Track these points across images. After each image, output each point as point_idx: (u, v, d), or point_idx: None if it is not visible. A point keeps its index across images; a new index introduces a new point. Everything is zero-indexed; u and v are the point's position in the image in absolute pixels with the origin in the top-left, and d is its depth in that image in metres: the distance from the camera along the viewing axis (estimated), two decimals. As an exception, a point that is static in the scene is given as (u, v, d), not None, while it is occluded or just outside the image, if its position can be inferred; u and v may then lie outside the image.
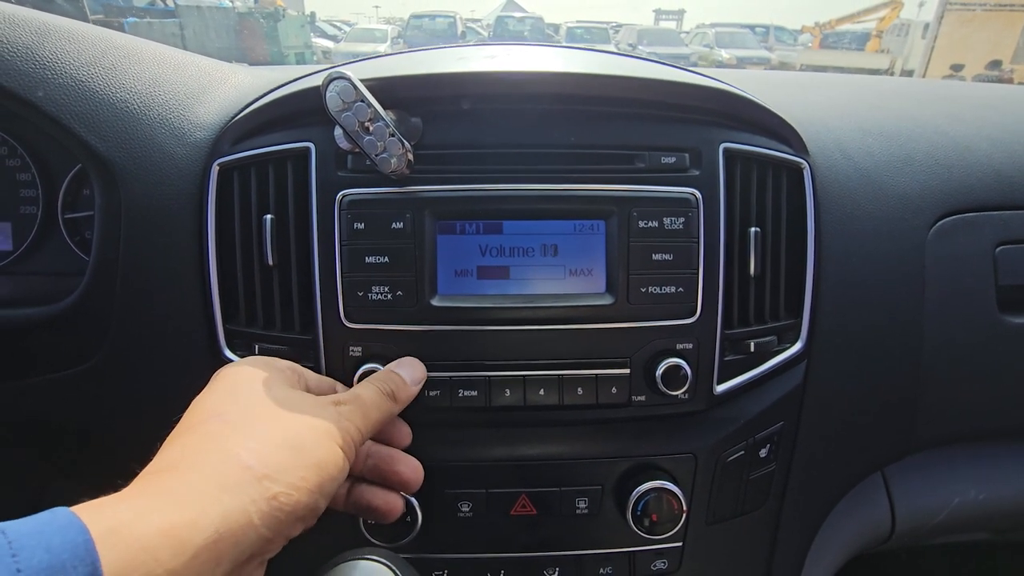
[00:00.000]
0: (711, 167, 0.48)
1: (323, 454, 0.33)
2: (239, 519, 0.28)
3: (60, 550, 0.22)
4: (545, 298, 0.46)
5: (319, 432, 0.33)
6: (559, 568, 0.51)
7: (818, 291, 0.52)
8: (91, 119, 0.47)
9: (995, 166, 0.60)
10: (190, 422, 0.34)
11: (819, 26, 18.45)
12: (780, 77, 0.85)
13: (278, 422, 0.33)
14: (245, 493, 0.28)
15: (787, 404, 0.52)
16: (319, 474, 0.32)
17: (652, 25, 23.95)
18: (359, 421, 0.37)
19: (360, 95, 0.42)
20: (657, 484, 0.47)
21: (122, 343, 0.50)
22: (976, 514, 0.65)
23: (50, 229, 0.66)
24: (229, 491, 0.28)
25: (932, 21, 11.42)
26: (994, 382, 0.59)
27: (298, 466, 0.31)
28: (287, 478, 0.30)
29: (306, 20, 15.42)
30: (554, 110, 0.47)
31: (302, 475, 0.31)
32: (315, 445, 0.33)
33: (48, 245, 0.67)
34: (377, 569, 0.32)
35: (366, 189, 0.46)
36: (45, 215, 0.66)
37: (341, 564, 0.33)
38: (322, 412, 0.35)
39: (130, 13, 8.56)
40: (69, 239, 0.66)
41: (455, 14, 15.84)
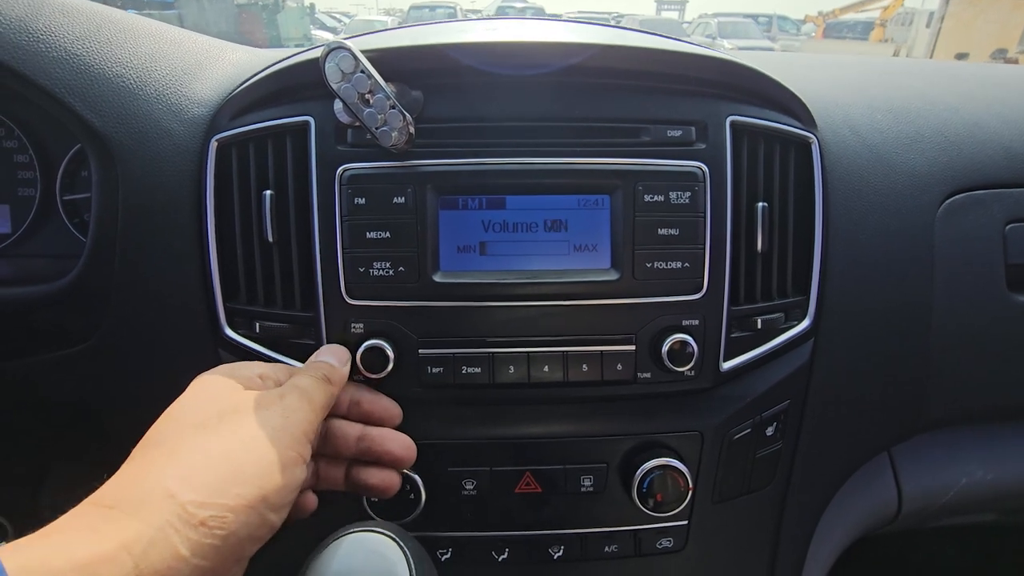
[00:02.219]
0: (718, 141, 0.47)
1: (266, 464, 0.31)
2: (163, 552, 0.26)
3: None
4: (549, 274, 0.46)
5: (259, 441, 0.32)
6: (564, 546, 0.50)
7: (826, 268, 0.51)
8: (87, 94, 0.46)
9: (1005, 143, 0.60)
10: (135, 451, 0.33)
11: (822, 15, 18.32)
12: (787, 57, 0.84)
13: (216, 440, 0.32)
14: (168, 524, 0.27)
15: (794, 382, 0.52)
16: (260, 486, 0.30)
17: (654, 15, 23.79)
18: (306, 410, 0.36)
19: (360, 66, 0.41)
20: (663, 462, 0.46)
21: (122, 322, 0.49)
22: (984, 495, 0.64)
23: (48, 211, 0.66)
24: (151, 524, 0.27)
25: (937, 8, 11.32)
26: (1003, 361, 0.59)
27: (233, 483, 0.30)
28: (218, 499, 0.29)
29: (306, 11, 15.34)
30: (558, 83, 0.46)
31: (237, 492, 0.29)
32: (257, 456, 0.31)
33: (47, 227, 0.66)
34: (382, 541, 0.32)
35: (367, 163, 0.45)
36: (43, 197, 0.66)
37: (346, 536, 0.32)
38: (266, 417, 0.34)
39: (129, 4, 8.53)
40: (68, 221, 0.66)
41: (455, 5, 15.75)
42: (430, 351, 0.46)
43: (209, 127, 0.49)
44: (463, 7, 16.21)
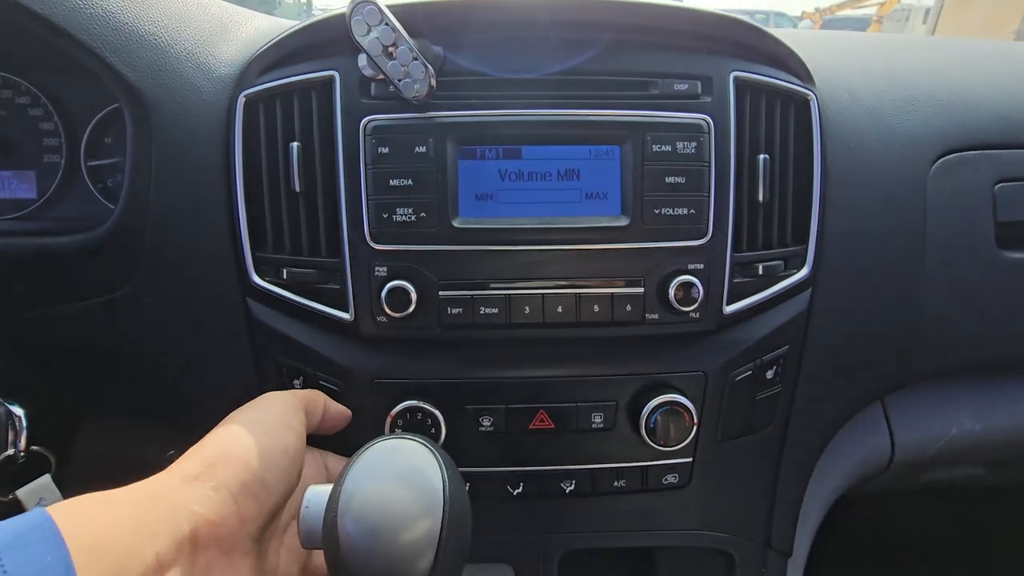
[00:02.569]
0: (722, 95, 0.50)
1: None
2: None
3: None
4: (562, 220, 0.49)
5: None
6: (575, 481, 0.53)
7: (823, 220, 0.54)
8: (123, 50, 0.49)
9: (995, 107, 0.62)
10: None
11: (819, 12, 18.35)
12: (788, 32, 0.87)
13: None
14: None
15: (793, 328, 0.55)
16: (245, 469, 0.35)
17: (651, 12, 23.77)
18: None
19: (384, 19, 0.44)
20: (669, 398, 0.49)
21: (155, 270, 0.52)
22: (973, 445, 0.67)
23: (72, 177, 0.68)
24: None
25: (933, 5, 11.36)
26: (992, 315, 0.61)
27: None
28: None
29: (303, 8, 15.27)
30: (571, 39, 0.49)
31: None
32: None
33: (71, 193, 0.69)
34: (416, 448, 0.35)
35: (390, 115, 0.48)
36: (68, 163, 0.68)
37: (384, 440, 0.35)
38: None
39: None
40: (92, 186, 0.68)
41: (453, 1, 15.67)
42: (450, 293, 0.49)
43: (236, 84, 0.52)
44: (461, 3, 16.21)
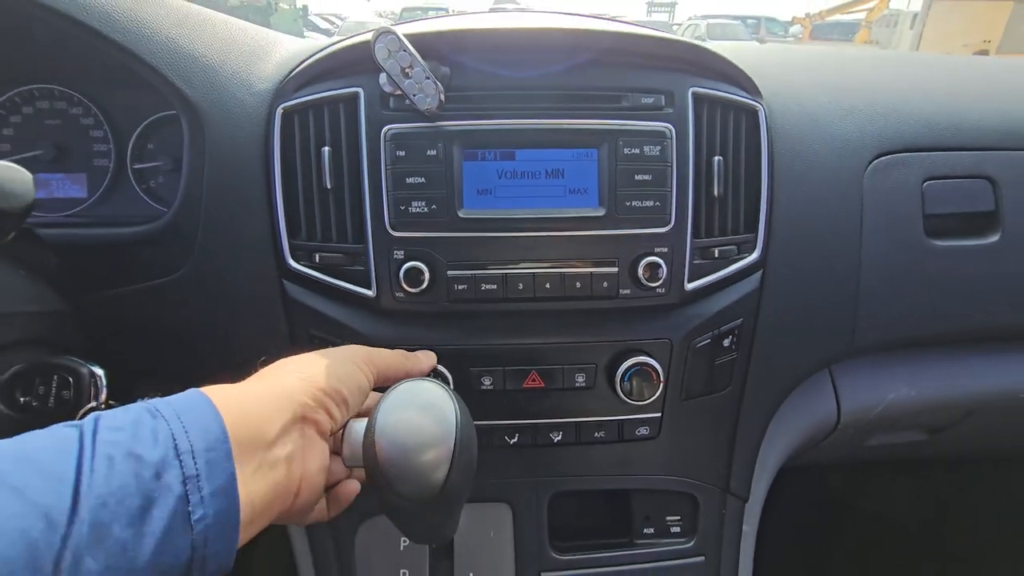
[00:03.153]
0: (682, 106, 0.59)
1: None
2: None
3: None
4: (550, 211, 0.58)
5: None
6: (562, 432, 0.62)
7: (771, 211, 0.63)
8: (182, 70, 0.58)
9: (925, 116, 0.71)
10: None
11: (809, 17, 18.57)
12: (759, 48, 0.96)
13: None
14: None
15: (746, 303, 0.64)
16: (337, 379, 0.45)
17: (644, 17, 23.99)
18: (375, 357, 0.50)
19: (403, 46, 0.53)
20: (640, 359, 0.59)
21: (205, 256, 0.61)
22: (909, 410, 0.76)
23: (120, 178, 0.77)
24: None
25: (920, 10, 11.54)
26: (921, 296, 0.69)
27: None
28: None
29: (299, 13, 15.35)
30: (558, 60, 0.58)
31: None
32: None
33: (118, 192, 0.78)
34: (434, 388, 0.44)
35: (406, 124, 0.57)
36: (116, 166, 0.77)
37: (409, 382, 0.44)
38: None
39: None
40: (137, 187, 0.77)
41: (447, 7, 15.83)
42: (456, 272, 0.58)
43: (274, 98, 0.61)
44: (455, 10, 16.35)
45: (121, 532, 0.29)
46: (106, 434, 0.31)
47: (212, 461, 0.33)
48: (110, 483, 0.29)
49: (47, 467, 0.29)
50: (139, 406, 0.35)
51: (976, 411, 0.80)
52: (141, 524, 0.29)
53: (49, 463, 0.29)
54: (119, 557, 0.28)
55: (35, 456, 0.29)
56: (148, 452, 0.31)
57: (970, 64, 0.92)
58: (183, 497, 0.31)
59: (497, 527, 0.65)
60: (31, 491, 0.27)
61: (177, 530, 0.31)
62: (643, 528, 0.68)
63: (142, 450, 0.31)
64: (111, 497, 0.29)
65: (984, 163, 0.70)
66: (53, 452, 0.30)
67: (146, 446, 0.32)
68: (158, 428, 0.33)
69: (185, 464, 0.32)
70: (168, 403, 0.36)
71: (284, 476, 0.38)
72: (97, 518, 0.28)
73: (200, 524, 0.31)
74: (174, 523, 0.30)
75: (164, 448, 0.32)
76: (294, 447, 0.40)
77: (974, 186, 0.70)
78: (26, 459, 0.29)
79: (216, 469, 0.33)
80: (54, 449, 0.30)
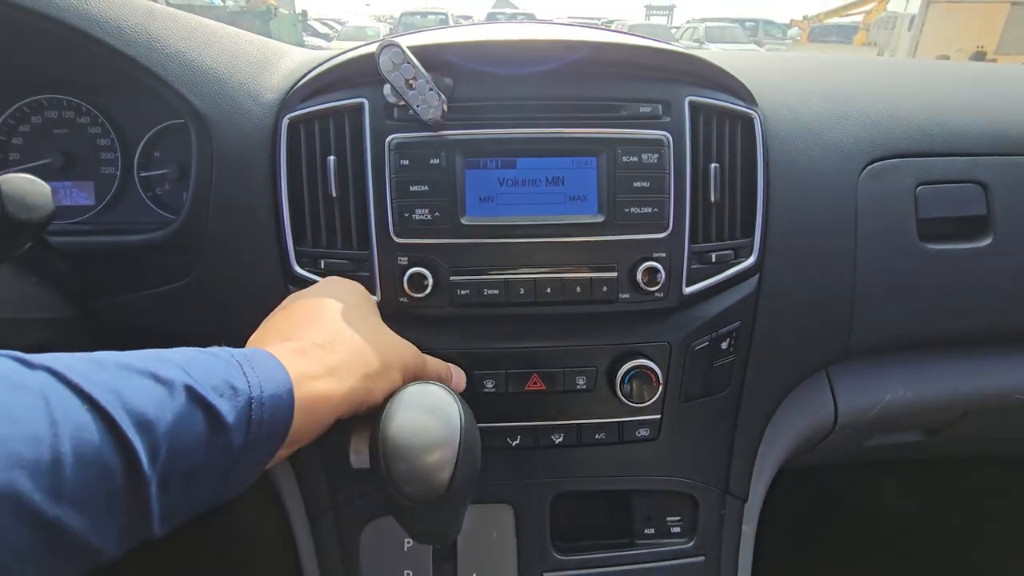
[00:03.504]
0: (679, 115, 0.61)
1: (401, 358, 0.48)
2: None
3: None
4: (550, 218, 0.59)
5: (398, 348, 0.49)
6: (563, 434, 0.64)
7: (767, 217, 0.64)
8: (191, 82, 0.59)
9: (918, 122, 0.73)
10: (323, 310, 0.47)
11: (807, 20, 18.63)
12: (755, 54, 0.98)
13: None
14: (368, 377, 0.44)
15: (743, 307, 0.65)
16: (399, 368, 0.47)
17: (643, 20, 24.08)
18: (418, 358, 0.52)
19: (406, 58, 0.55)
20: (639, 362, 0.60)
21: (212, 263, 0.62)
22: (906, 411, 0.77)
23: (127, 186, 0.79)
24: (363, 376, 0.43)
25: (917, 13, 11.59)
26: (915, 299, 0.70)
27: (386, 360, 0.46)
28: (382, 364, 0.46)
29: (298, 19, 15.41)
30: (557, 70, 0.60)
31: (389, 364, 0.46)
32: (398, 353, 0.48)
33: (125, 200, 0.79)
34: (439, 391, 0.45)
35: (409, 134, 0.58)
36: (123, 174, 0.78)
37: (414, 385, 0.45)
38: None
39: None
40: (144, 194, 0.79)
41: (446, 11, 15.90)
42: (459, 278, 0.59)
43: (280, 108, 0.62)
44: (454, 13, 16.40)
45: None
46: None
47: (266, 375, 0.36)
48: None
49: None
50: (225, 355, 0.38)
51: (972, 412, 0.81)
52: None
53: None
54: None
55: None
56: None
57: (962, 70, 0.93)
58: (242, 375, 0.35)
59: (500, 528, 0.66)
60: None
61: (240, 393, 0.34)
62: (644, 528, 0.69)
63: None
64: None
65: (976, 168, 0.71)
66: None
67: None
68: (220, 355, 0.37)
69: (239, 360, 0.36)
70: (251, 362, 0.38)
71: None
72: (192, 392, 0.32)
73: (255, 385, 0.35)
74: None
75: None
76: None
77: (966, 191, 0.72)
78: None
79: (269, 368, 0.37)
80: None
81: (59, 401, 0.28)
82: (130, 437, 0.29)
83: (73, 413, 0.28)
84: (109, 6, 0.57)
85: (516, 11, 17.12)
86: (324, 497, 0.66)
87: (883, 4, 16.24)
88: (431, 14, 15.38)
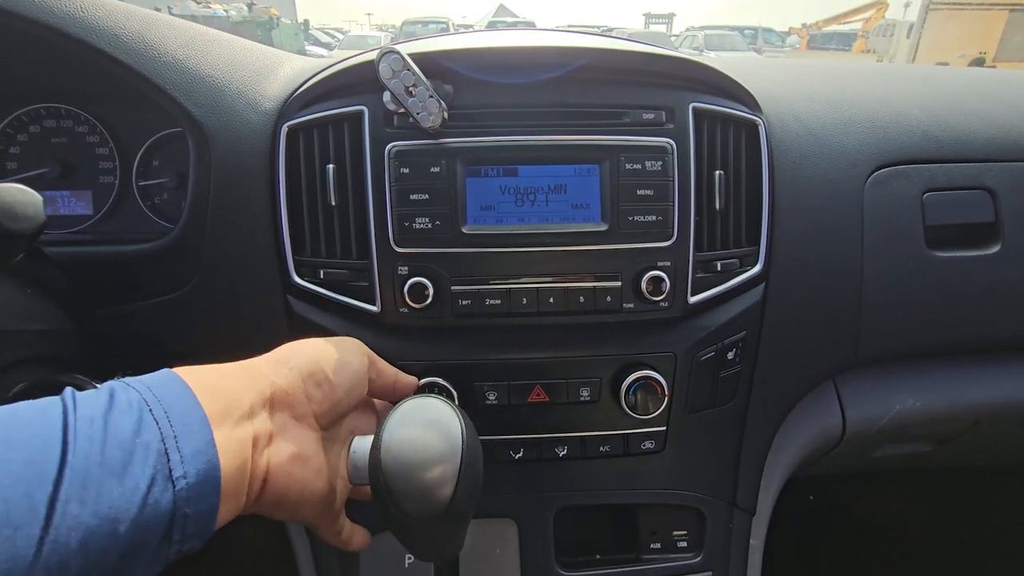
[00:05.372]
0: (683, 122, 0.60)
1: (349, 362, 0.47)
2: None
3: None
4: (553, 226, 0.58)
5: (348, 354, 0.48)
6: (567, 446, 0.62)
7: (773, 225, 0.64)
8: (188, 90, 0.59)
9: (924, 128, 0.72)
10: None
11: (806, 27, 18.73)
12: (756, 61, 0.98)
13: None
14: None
15: (749, 316, 0.64)
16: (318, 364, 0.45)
17: (642, 29, 24.21)
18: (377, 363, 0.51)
19: (406, 65, 0.54)
20: (644, 374, 0.59)
21: (210, 273, 0.61)
22: (914, 421, 0.76)
23: (125, 195, 0.78)
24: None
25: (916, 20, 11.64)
26: (923, 307, 0.69)
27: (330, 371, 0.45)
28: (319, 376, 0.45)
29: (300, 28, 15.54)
30: (559, 77, 0.59)
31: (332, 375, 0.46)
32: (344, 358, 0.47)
33: (123, 209, 0.78)
34: (439, 404, 0.44)
35: (410, 141, 0.57)
36: (121, 183, 0.78)
37: (414, 398, 0.44)
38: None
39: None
40: (142, 203, 0.78)
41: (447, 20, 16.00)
42: (460, 287, 0.58)
43: (279, 116, 0.61)
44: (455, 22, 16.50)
45: (105, 482, 0.30)
46: (85, 400, 0.33)
47: (188, 425, 0.34)
48: (92, 439, 0.31)
49: (36, 423, 0.30)
50: (108, 383, 0.36)
51: (983, 422, 0.79)
52: (123, 476, 0.31)
53: (37, 420, 0.31)
54: (104, 507, 0.29)
55: (22, 414, 0.31)
56: (125, 416, 0.33)
57: (966, 76, 0.92)
58: (163, 453, 0.32)
59: (503, 543, 0.65)
60: (22, 444, 0.29)
61: (159, 486, 0.32)
62: (649, 543, 0.67)
63: (119, 414, 0.33)
64: (94, 449, 0.30)
65: (983, 175, 0.70)
66: (38, 412, 0.31)
67: (122, 411, 0.33)
68: (131, 397, 0.34)
69: (162, 425, 0.33)
70: (138, 379, 0.37)
71: (275, 455, 0.39)
72: (84, 467, 0.29)
73: (181, 482, 0.32)
74: (157, 478, 0.32)
75: (139, 411, 0.33)
76: (259, 429, 0.39)
77: (974, 197, 0.71)
78: (13, 416, 0.31)
79: (193, 432, 0.34)
80: (39, 410, 0.32)
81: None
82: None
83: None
84: (106, 14, 0.56)
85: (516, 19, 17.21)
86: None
87: (881, 12, 16.32)
88: (432, 23, 15.48)
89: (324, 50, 13.99)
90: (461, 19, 33.74)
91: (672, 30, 26.77)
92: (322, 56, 0.83)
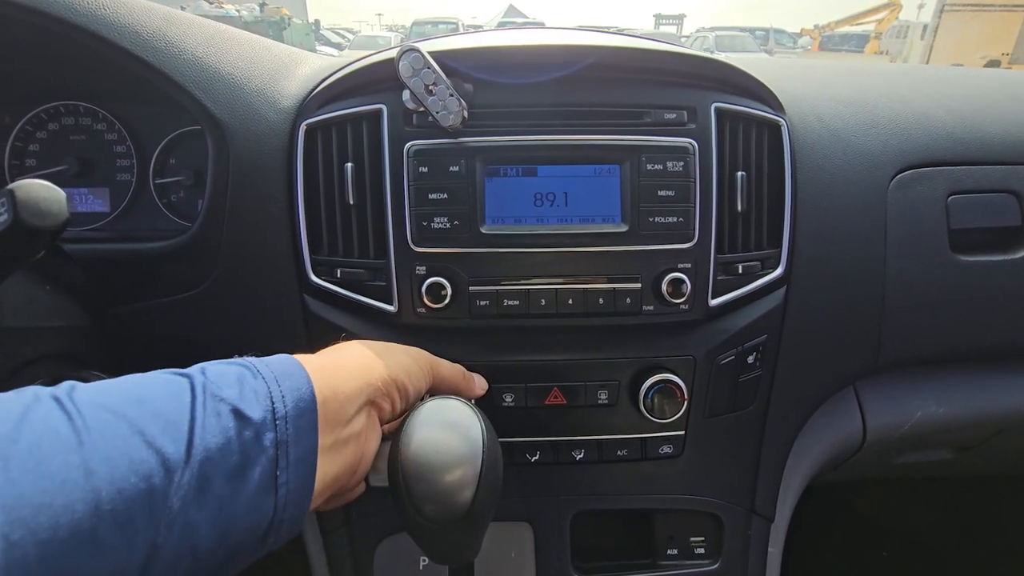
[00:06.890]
0: (705, 122, 0.59)
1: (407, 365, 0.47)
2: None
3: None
4: (572, 227, 0.58)
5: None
6: (584, 450, 0.62)
7: (795, 227, 0.63)
8: (208, 87, 0.58)
9: (948, 129, 0.71)
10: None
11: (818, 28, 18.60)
12: (772, 61, 0.96)
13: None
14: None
15: (770, 320, 0.63)
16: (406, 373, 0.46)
17: (653, 30, 24.14)
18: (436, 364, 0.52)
19: (427, 63, 0.54)
20: (663, 377, 0.58)
21: (228, 272, 0.61)
22: (936, 428, 0.75)
23: (142, 193, 0.78)
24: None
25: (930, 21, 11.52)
26: (946, 312, 0.68)
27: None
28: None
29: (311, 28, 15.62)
30: (580, 76, 0.58)
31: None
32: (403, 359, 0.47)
33: (140, 207, 0.78)
34: (459, 405, 0.44)
35: (429, 140, 0.57)
36: (138, 181, 0.78)
37: (434, 400, 0.44)
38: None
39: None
40: (159, 201, 0.78)
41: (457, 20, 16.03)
42: (478, 288, 0.57)
43: (298, 114, 0.61)
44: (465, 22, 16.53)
45: (221, 487, 0.30)
46: (215, 388, 0.33)
47: (300, 429, 0.35)
48: (217, 437, 0.31)
49: (164, 412, 0.30)
50: (239, 363, 0.36)
51: (1007, 429, 0.78)
52: (238, 482, 0.31)
53: (166, 409, 0.30)
54: (217, 511, 0.30)
55: (152, 400, 0.30)
56: (252, 411, 0.33)
57: (989, 77, 0.91)
58: (274, 460, 0.33)
59: (518, 547, 0.64)
60: (151, 435, 0.29)
61: (265, 491, 0.32)
62: (667, 549, 0.67)
63: (246, 408, 0.32)
64: (217, 451, 0.30)
65: (1009, 177, 0.69)
66: (168, 398, 0.31)
67: (250, 405, 0.33)
68: (259, 388, 0.34)
69: (280, 429, 0.33)
70: (267, 364, 0.37)
71: (351, 455, 0.40)
72: (203, 470, 0.29)
73: (283, 488, 0.33)
74: (264, 484, 0.32)
75: (264, 410, 0.33)
76: (362, 427, 0.41)
77: (1000, 201, 0.69)
78: (144, 401, 0.30)
79: (303, 438, 0.35)
80: (168, 395, 0.31)
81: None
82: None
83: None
84: (127, 11, 0.56)
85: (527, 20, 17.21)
86: (338, 512, 0.65)
87: (895, 13, 16.17)
88: (442, 23, 15.51)
89: (335, 50, 14.06)
90: (471, 20, 33.83)
91: (682, 31, 26.68)
92: (332, 56, 0.83)
